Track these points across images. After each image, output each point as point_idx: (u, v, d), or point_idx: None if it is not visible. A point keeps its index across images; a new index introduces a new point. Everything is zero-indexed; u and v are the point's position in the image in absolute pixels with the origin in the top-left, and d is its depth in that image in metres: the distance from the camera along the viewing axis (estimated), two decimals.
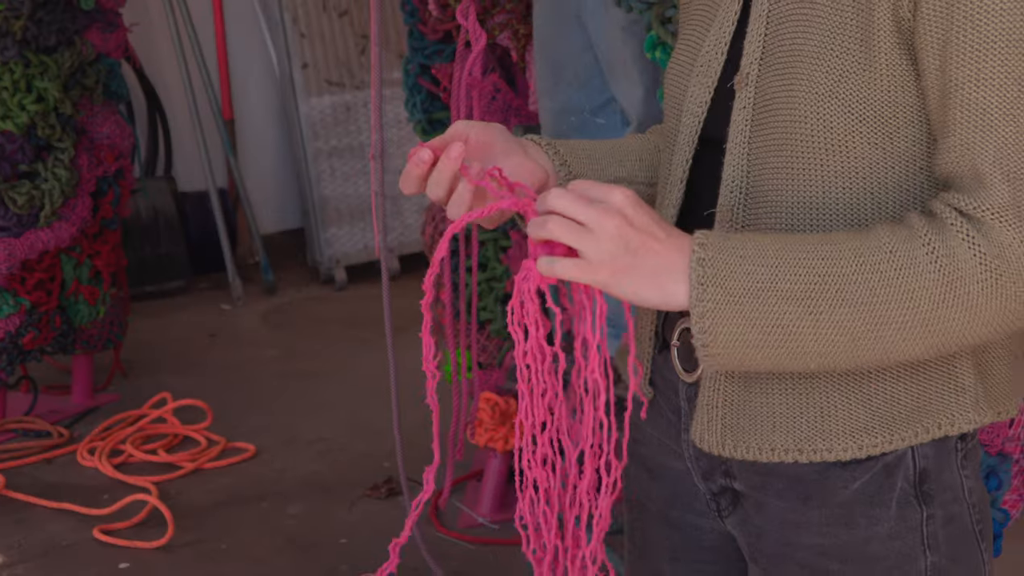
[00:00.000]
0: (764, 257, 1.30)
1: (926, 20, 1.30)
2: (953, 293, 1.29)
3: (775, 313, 1.30)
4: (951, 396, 1.42)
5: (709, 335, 1.31)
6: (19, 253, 4.20)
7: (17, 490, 3.98)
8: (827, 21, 1.37)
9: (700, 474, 1.56)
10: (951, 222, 1.29)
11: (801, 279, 1.30)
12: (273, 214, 6.52)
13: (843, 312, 1.30)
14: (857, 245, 1.30)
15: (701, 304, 1.30)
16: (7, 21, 4.11)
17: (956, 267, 1.28)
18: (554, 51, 3.12)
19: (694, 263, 1.30)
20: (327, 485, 4.02)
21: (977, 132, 1.29)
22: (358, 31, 6.16)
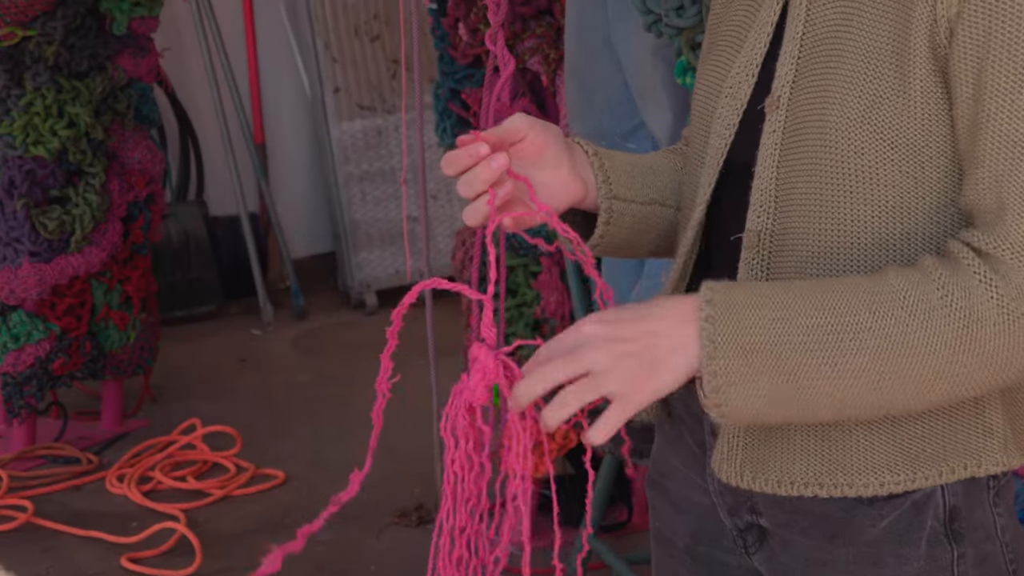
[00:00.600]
0: (774, 309, 1.27)
1: (962, 47, 1.27)
2: (969, 337, 1.25)
3: (790, 365, 1.27)
4: (979, 438, 1.38)
5: (723, 393, 1.27)
6: (49, 279, 4.20)
7: (45, 518, 3.97)
8: (862, 45, 1.34)
9: (726, 509, 1.53)
10: (967, 262, 1.26)
11: (815, 330, 1.26)
12: (304, 238, 6.51)
13: (860, 360, 1.26)
14: (869, 292, 1.27)
15: (713, 363, 1.27)
16: (39, 47, 4.12)
17: (972, 309, 1.25)
18: (585, 75, 3.10)
19: (703, 321, 1.27)
20: (356, 512, 3.98)
21: (1008, 164, 1.26)
22: (390, 56, 6.16)
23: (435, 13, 3.68)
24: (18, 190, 4.17)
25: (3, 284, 4.17)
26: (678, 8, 2.55)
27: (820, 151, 1.36)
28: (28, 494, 4.11)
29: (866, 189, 1.34)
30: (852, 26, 1.35)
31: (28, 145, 4.17)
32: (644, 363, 1.27)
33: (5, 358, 4.24)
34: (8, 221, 4.19)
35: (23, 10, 3.95)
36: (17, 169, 4.17)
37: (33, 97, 4.16)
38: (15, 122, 4.16)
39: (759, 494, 1.46)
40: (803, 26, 1.41)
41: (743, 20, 1.52)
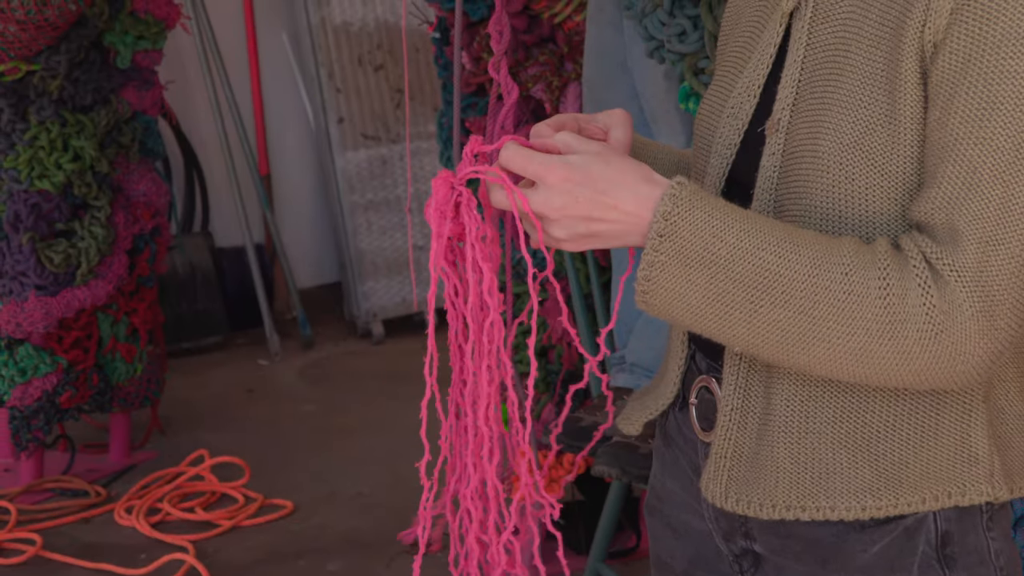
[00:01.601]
0: (727, 233, 1.31)
1: (940, 70, 1.28)
2: (890, 333, 1.28)
3: (719, 289, 1.31)
4: (963, 466, 1.38)
5: (652, 283, 1.33)
6: (56, 312, 4.21)
7: (54, 551, 3.96)
8: (859, 71, 1.35)
9: (721, 535, 1.53)
10: (914, 264, 1.28)
11: (754, 269, 1.30)
12: (310, 268, 6.52)
13: (780, 314, 1.30)
14: (818, 255, 1.30)
15: (654, 254, 1.31)
16: (43, 81, 4.13)
17: (903, 309, 1.27)
18: (602, 98, 3.10)
19: (659, 215, 1.31)
20: (366, 541, 3.98)
21: (964, 190, 1.27)
22: (393, 85, 6.18)
23: (438, 42, 3.69)
24: (24, 224, 4.18)
25: (10, 318, 4.18)
26: (680, 34, 2.55)
27: (813, 176, 1.36)
28: (37, 527, 4.11)
29: (855, 215, 1.34)
30: (850, 51, 1.36)
31: (33, 179, 4.18)
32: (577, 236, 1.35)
33: (12, 392, 4.24)
34: (14, 255, 4.19)
35: (27, 44, 3.97)
36: (22, 203, 4.18)
37: (38, 131, 4.18)
38: (20, 156, 4.17)
39: (752, 519, 1.47)
40: (804, 49, 1.41)
41: (747, 42, 1.53)
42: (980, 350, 1.28)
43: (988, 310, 1.26)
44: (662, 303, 1.34)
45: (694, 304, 1.32)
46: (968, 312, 1.26)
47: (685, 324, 1.36)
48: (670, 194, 1.31)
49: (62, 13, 3.90)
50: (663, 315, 1.35)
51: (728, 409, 1.46)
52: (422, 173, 6.08)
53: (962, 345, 1.27)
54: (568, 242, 1.35)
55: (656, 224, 1.31)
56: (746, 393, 1.45)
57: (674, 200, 1.31)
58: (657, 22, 2.58)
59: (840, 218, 1.35)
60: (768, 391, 1.43)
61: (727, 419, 1.46)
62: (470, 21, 3.48)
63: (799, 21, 1.43)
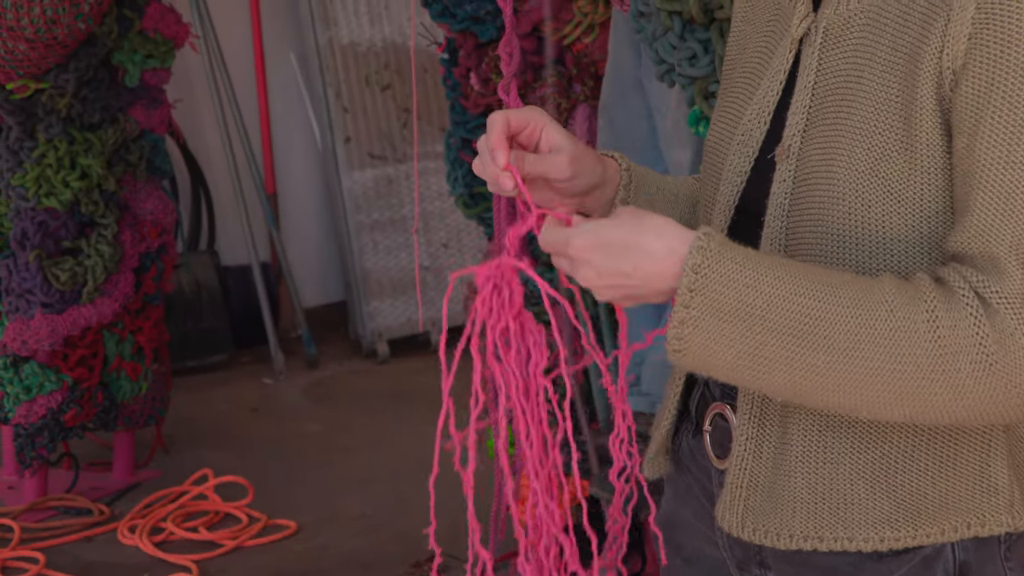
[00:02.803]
0: (760, 283, 1.27)
1: (963, 97, 1.28)
2: (942, 367, 1.24)
3: (756, 342, 1.27)
4: (983, 496, 1.37)
5: (685, 341, 1.29)
6: (62, 330, 4.20)
7: (57, 569, 3.95)
8: (872, 98, 1.34)
9: (735, 563, 1.52)
10: (963, 295, 1.25)
11: (792, 316, 1.26)
12: (315, 288, 6.52)
13: (822, 359, 1.26)
14: (858, 294, 1.26)
15: (685, 310, 1.27)
16: (52, 99, 4.14)
17: (954, 341, 1.24)
18: (615, 115, 3.10)
19: (688, 268, 1.27)
20: (369, 562, 3.97)
21: (998, 216, 1.26)
22: (400, 105, 6.19)
23: (447, 63, 3.69)
24: (31, 241, 4.18)
25: (15, 335, 4.18)
26: (691, 58, 2.55)
27: (828, 203, 1.35)
28: (40, 546, 4.10)
29: (872, 241, 1.33)
30: (863, 78, 1.35)
31: (40, 197, 4.18)
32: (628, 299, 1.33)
33: (17, 409, 4.24)
34: (20, 272, 4.19)
35: (36, 63, 3.97)
36: (30, 221, 4.19)
37: (46, 149, 4.18)
38: (28, 174, 4.17)
39: (768, 548, 1.46)
40: (815, 76, 1.41)
41: (756, 67, 1.52)
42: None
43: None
44: (696, 360, 1.30)
45: (730, 359, 1.28)
46: (1021, 340, 1.24)
47: (721, 378, 1.33)
48: (698, 246, 1.27)
49: (71, 32, 3.91)
50: (697, 370, 1.33)
51: (743, 439, 1.45)
52: (428, 193, 6.08)
53: (1016, 375, 1.24)
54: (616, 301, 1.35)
55: (686, 278, 1.27)
56: (761, 422, 1.43)
57: (703, 252, 1.27)
58: (668, 46, 2.58)
59: (856, 245, 1.34)
60: (784, 420, 1.42)
61: (742, 448, 1.45)
62: (479, 42, 3.49)
63: (809, 47, 1.43)
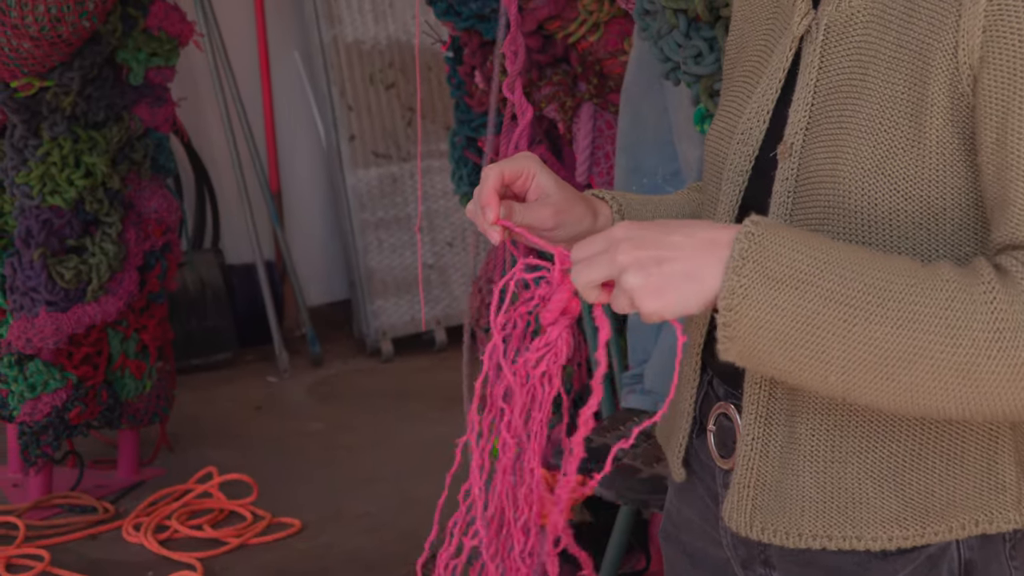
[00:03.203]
0: (814, 251, 1.23)
1: (987, 92, 1.27)
2: (1000, 344, 1.20)
3: (810, 310, 1.22)
4: (991, 493, 1.36)
5: (736, 313, 1.23)
6: (66, 328, 4.20)
7: (62, 567, 3.95)
8: (878, 94, 1.33)
9: (740, 562, 1.52)
10: (1020, 277, 1.22)
11: (847, 282, 1.22)
12: (320, 286, 6.52)
13: (880, 329, 1.21)
14: (915, 268, 1.24)
15: (736, 278, 1.22)
16: (56, 97, 4.14)
17: (1012, 318, 1.21)
18: (639, 108, 3.09)
19: (741, 236, 1.23)
20: (373, 561, 3.97)
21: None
22: (405, 103, 6.19)
23: (451, 61, 3.69)
24: (35, 240, 4.18)
25: (20, 333, 4.18)
26: (696, 56, 2.55)
27: (833, 201, 1.35)
28: (45, 543, 4.10)
29: (879, 240, 1.33)
30: (868, 75, 1.35)
31: (45, 195, 4.18)
32: (652, 278, 1.24)
33: (22, 407, 4.24)
34: (25, 271, 4.20)
35: (40, 61, 3.97)
36: (34, 219, 4.19)
37: (50, 147, 4.18)
38: (32, 172, 4.17)
39: (772, 547, 1.46)
40: (817, 73, 1.40)
41: (755, 65, 1.52)
42: None
43: None
44: (747, 335, 1.24)
45: (783, 331, 1.22)
46: None
47: (772, 359, 1.25)
48: (751, 219, 1.25)
49: (76, 30, 3.91)
50: (747, 352, 1.25)
51: (749, 438, 1.44)
52: (433, 192, 6.08)
53: None
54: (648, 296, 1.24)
55: (739, 244, 1.23)
56: (768, 421, 1.43)
57: (756, 223, 1.24)
58: (673, 44, 2.58)
59: (863, 244, 1.33)
60: (791, 420, 1.41)
61: (748, 448, 1.44)
62: (484, 40, 3.48)
63: (810, 45, 1.42)
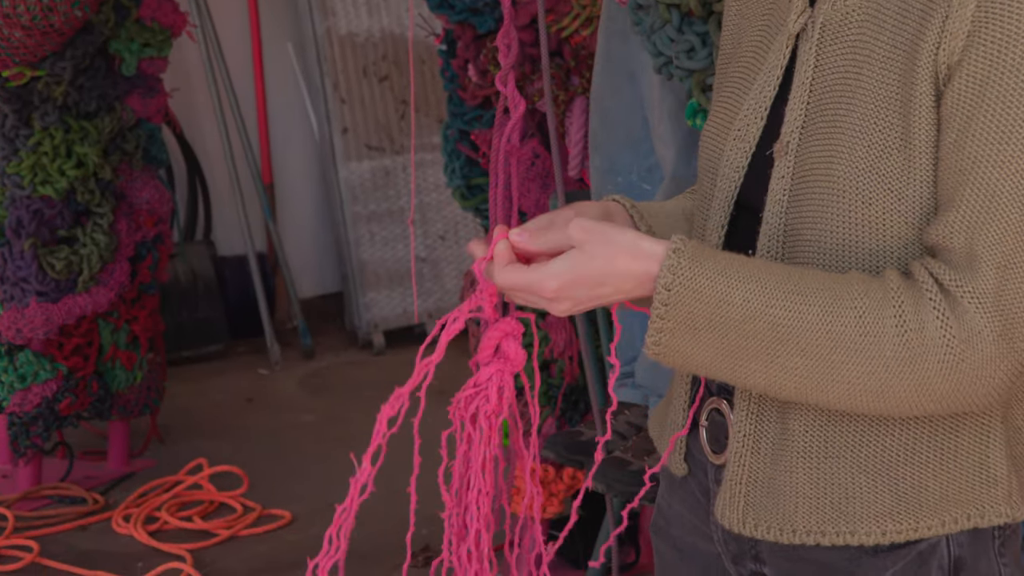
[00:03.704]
0: (732, 290, 1.31)
1: (956, 92, 1.28)
2: (910, 367, 1.27)
3: (731, 346, 1.31)
4: (982, 487, 1.37)
5: (662, 347, 1.34)
6: (57, 318, 4.20)
7: (51, 558, 3.96)
8: (871, 95, 1.34)
9: (730, 558, 1.52)
10: (930, 296, 1.27)
11: (767, 325, 1.30)
12: (312, 278, 6.52)
13: (798, 361, 1.30)
14: (829, 300, 1.29)
15: (660, 321, 1.32)
16: (48, 87, 4.13)
17: (921, 342, 1.26)
18: (608, 107, 3.09)
19: (660, 287, 1.32)
20: (363, 553, 3.97)
21: (983, 213, 1.26)
22: (398, 96, 6.18)
23: (445, 54, 3.69)
24: (26, 230, 4.17)
25: (10, 324, 4.18)
26: (689, 50, 2.55)
27: (828, 199, 1.35)
28: (34, 534, 4.10)
29: (872, 240, 1.34)
30: (862, 74, 1.35)
31: (36, 185, 4.18)
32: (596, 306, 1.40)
33: (12, 398, 4.24)
34: (16, 261, 4.19)
35: (32, 50, 3.97)
36: (25, 209, 4.18)
37: (41, 137, 4.18)
38: (23, 162, 4.17)
39: (763, 542, 1.46)
40: (813, 72, 1.41)
41: (751, 62, 1.52)
42: (1000, 372, 1.28)
43: (1007, 333, 1.26)
44: (674, 362, 1.36)
45: (707, 362, 1.34)
46: (988, 337, 1.26)
47: (701, 373, 1.41)
48: (668, 265, 1.31)
49: (68, 19, 3.90)
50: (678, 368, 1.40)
51: (741, 434, 1.45)
52: (425, 185, 6.08)
53: (982, 370, 1.27)
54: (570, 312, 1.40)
55: (659, 295, 1.31)
56: (759, 417, 1.44)
57: (673, 270, 1.31)
58: (666, 38, 2.58)
59: (855, 243, 1.34)
60: (784, 416, 1.42)
61: (740, 444, 1.45)
62: (477, 33, 3.48)
63: (806, 43, 1.42)
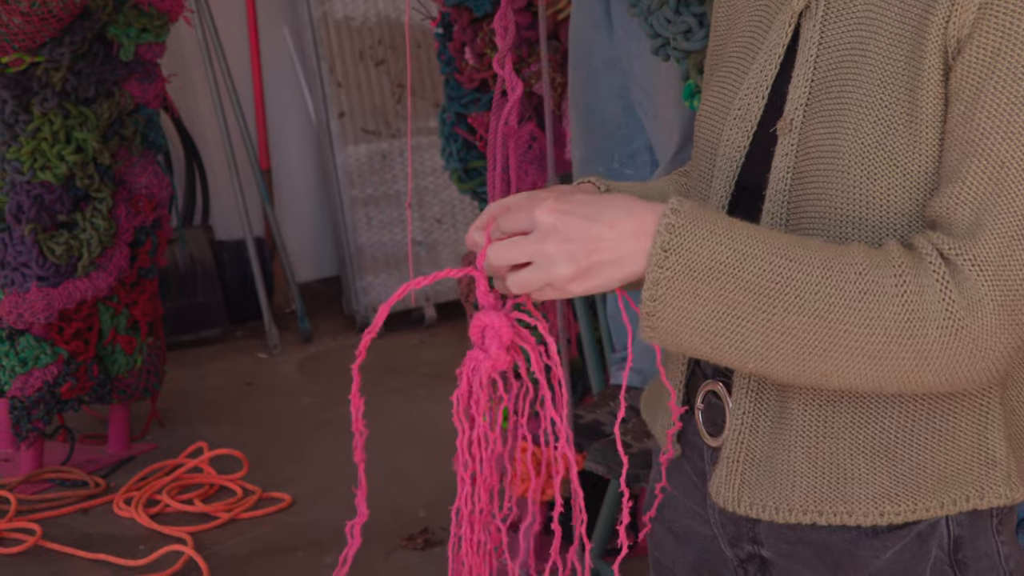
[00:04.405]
0: (734, 241, 1.26)
1: (966, 65, 1.28)
2: (910, 331, 1.25)
3: (730, 300, 1.26)
4: (981, 468, 1.37)
5: (659, 303, 1.27)
6: (57, 303, 4.22)
7: (53, 541, 3.97)
8: (878, 71, 1.33)
9: (727, 540, 1.52)
10: (930, 261, 1.26)
11: (765, 274, 1.26)
12: (309, 263, 6.52)
13: (796, 320, 1.26)
14: (829, 257, 1.27)
15: (659, 270, 1.26)
16: (47, 73, 4.14)
17: (921, 306, 1.24)
18: (584, 98, 3.10)
19: (662, 228, 1.26)
20: (363, 535, 3.98)
21: (991, 185, 1.26)
22: (394, 80, 6.19)
23: (441, 38, 3.69)
24: (26, 215, 4.19)
25: (11, 308, 4.19)
26: (686, 31, 2.56)
27: (832, 176, 1.35)
28: (36, 517, 4.12)
29: (876, 216, 1.33)
30: (868, 51, 1.35)
31: (36, 170, 4.19)
32: (581, 267, 1.28)
33: (13, 382, 4.25)
34: (16, 246, 4.20)
35: (31, 36, 3.98)
36: (25, 194, 4.19)
37: (40, 123, 4.18)
38: (23, 148, 4.17)
39: (761, 524, 1.46)
40: (817, 49, 1.40)
41: (750, 41, 1.51)
42: (1001, 344, 1.26)
43: (1010, 303, 1.25)
44: (670, 325, 1.28)
45: (704, 320, 1.27)
46: (989, 306, 1.24)
47: (693, 346, 1.30)
48: (672, 207, 1.27)
49: (66, 5, 3.91)
50: (670, 340, 1.29)
51: (740, 412, 1.44)
52: (422, 168, 6.09)
53: (983, 340, 1.25)
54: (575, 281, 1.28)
55: (660, 237, 1.26)
56: (758, 396, 1.43)
57: (677, 213, 1.26)
58: (663, 19, 2.59)
59: (860, 219, 1.34)
60: (783, 395, 1.41)
61: (739, 423, 1.44)
62: (474, 16, 3.49)
63: (810, 20, 1.42)
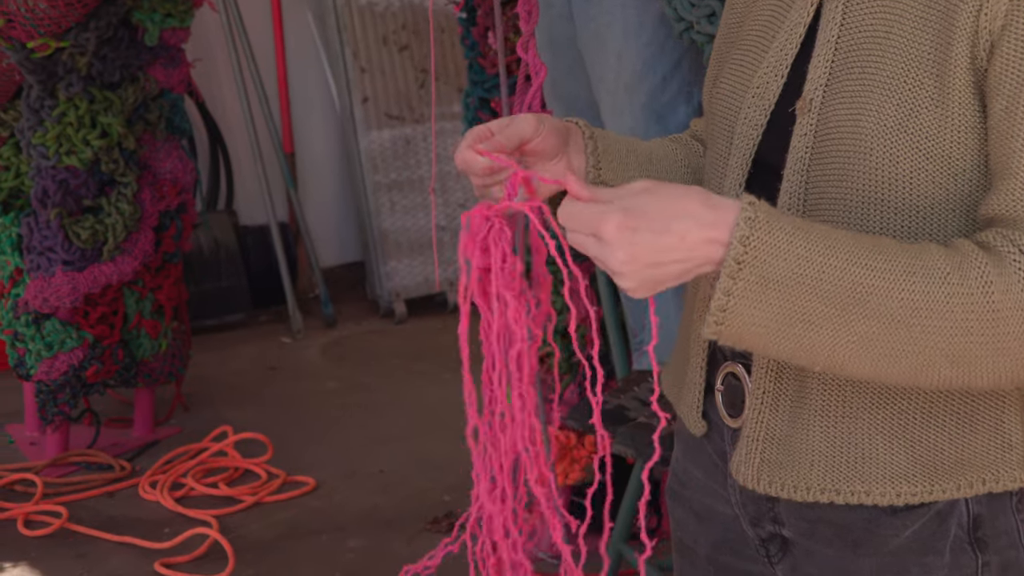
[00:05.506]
0: (810, 249, 1.23)
1: (1003, 59, 1.27)
2: (992, 330, 1.24)
3: (803, 308, 1.23)
4: (998, 452, 1.38)
5: (729, 313, 1.24)
6: (82, 287, 4.23)
7: (79, 523, 4.00)
8: (902, 52, 1.33)
9: (748, 520, 1.53)
10: (1014, 259, 1.24)
11: (844, 285, 1.23)
12: (333, 247, 6.54)
13: (874, 326, 1.24)
14: (909, 262, 1.24)
15: (731, 282, 1.23)
16: (72, 58, 4.15)
17: (1007, 305, 1.23)
18: (565, 91, 3.11)
19: (736, 241, 1.22)
20: (387, 519, 4.00)
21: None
22: (418, 65, 6.19)
23: (465, 22, 3.70)
24: (51, 200, 4.20)
25: (37, 292, 4.21)
26: (709, 15, 2.56)
27: (853, 157, 1.35)
28: (62, 500, 4.14)
29: (897, 198, 1.33)
30: (892, 32, 1.35)
31: (61, 155, 4.20)
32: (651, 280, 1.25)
33: (39, 366, 4.28)
34: (42, 230, 4.22)
35: (56, 21, 3.99)
36: (50, 179, 4.21)
37: (66, 107, 4.20)
38: (48, 132, 4.19)
39: (781, 503, 1.47)
40: (839, 30, 1.40)
41: (769, 20, 1.51)
42: None
43: None
44: (736, 330, 1.26)
45: (773, 327, 1.25)
46: None
47: (759, 347, 1.28)
48: (745, 217, 1.23)
49: None
50: (734, 340, 1.27)
51: (760, 392, 1.44)
52: (446, 154, 6.09)
53: None
54: (640, 290, 1.26)
55: (734, 250, 1.22)
56: (779, 376, 1.43)
57: (751, 224, 1.23)
58: (687, 3, 2.59)
59: (880, 200, 1.33)
60: (802, 375, 1.41)
61: (759, 402, 1.44)
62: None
63: (831, 1, 1.42)
